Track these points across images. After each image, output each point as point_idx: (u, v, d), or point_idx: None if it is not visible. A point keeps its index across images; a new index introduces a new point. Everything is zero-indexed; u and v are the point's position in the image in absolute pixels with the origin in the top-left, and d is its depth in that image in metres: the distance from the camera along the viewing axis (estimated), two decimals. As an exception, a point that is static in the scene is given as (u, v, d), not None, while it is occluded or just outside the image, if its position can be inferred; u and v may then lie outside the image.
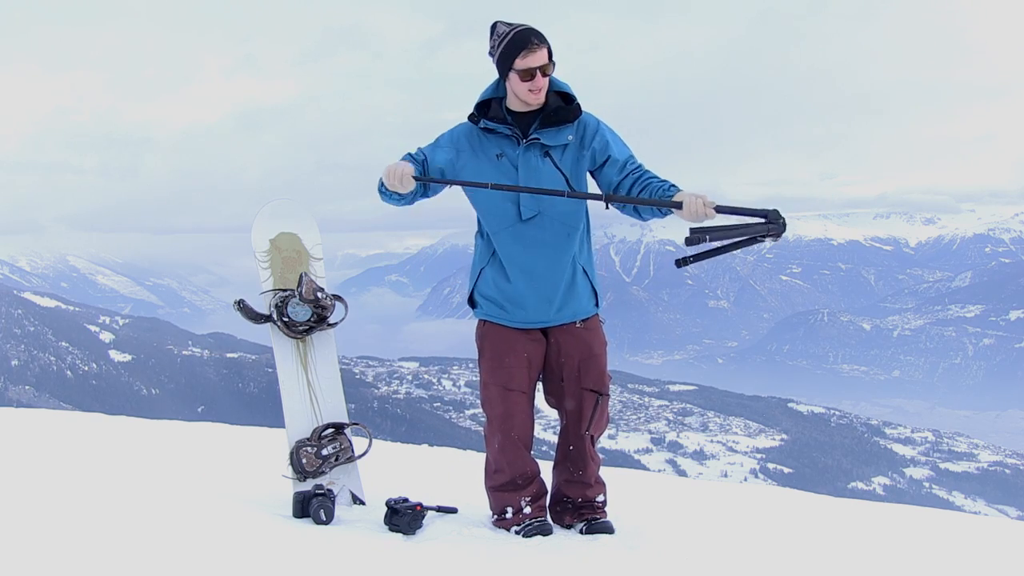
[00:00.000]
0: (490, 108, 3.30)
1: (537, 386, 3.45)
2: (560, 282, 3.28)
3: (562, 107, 3.27)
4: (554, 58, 3.21)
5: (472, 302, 3.42)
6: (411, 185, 3.16)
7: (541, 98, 3.21)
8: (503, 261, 3.30)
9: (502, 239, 3.28)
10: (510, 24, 3.18)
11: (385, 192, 3.25)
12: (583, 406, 3.35)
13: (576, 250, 3.32)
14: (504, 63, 3.18)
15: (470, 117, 3.33)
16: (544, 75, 3.16)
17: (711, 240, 2.89)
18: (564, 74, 3.35)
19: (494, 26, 3.21)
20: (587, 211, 3.36)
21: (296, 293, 3.58)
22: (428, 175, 3.28)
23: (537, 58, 3.13)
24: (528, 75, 3.14)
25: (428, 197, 3.37)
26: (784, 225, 2.89)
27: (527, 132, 3.26)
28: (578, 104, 3.29)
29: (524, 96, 3.20)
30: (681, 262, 2.99)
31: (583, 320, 3.36)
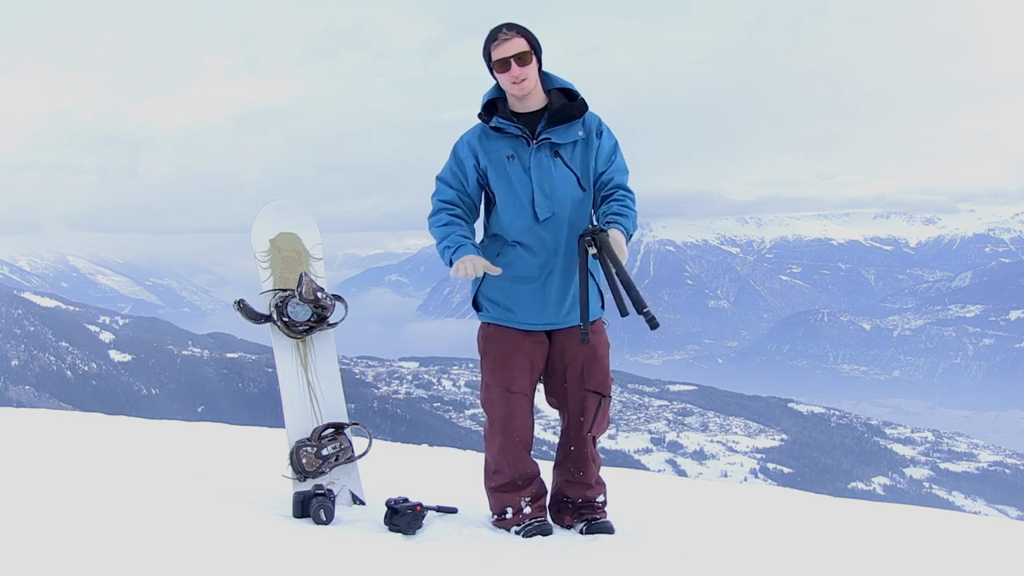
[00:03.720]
0: (496, 109, 3.29)
1: (537, 387, 3.46)
2: (571, 285, 3.28)
3: (567, 104, 3.25)
4: (541, 52, 3.20)
5: (476, 305, 3.41)
6: (482, 270, 3.18)
7: (526, 88, 3.19)
8: (517, 264, 3.28)
9: (518, 241, 3.28)
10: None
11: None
12: (586, 407, 3.36)
13: None
14: (485, 58, 3.21)
15: (480, 116, 3.31)
16: (521, 64, 3.14)
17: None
18: (566, 74, 3.34)
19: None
20: (592, 214, 3.36)
21: (296, 293, 3.58)
22: (472, 203, 3.33)
23: (509, 47, 3.12)
24: (502, 65, 3.15)
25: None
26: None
27: (535, 132, 3.24)
28: (583, 99, 3.27)
29: (508, 88, 3.19)
30: (652, 324, 3.06)
31: (589, 322, 3.36)
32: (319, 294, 3.59)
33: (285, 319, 3.57)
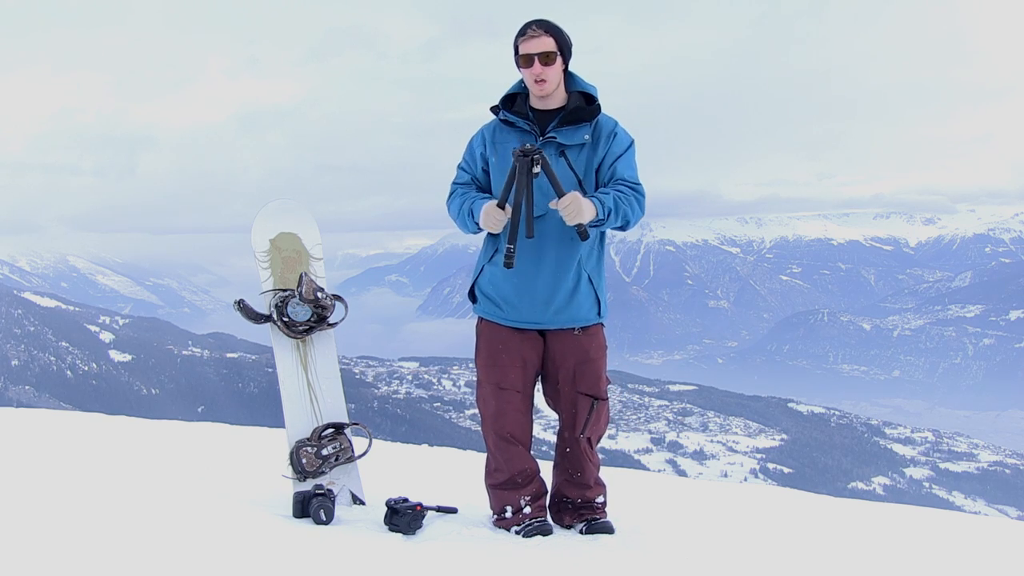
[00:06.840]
0: (515, 103, 3.32)
1: (537, 385, 3.45)
2: (560, 286, 3.25)
3: (581, 107, 3.27)
4: (569, 54, 3.22)
5: (472, 296, 3.42)
6: (504, 220, 3.15)
7: (545, 89, 3.20)
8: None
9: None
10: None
11: (475, 228, 3.28)
12: (577, 410, 3.34)
13: (583, 255, 3.28)
14: (514, 49, 3.23)
15: (493, 108, 3.35)
16: (545, 64, 3.15)
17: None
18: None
19: None
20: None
21: (296, 293, 3.58)
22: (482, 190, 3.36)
23: (534, 45, 3.14)
24: (525, 61, 3.17)
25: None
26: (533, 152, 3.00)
27: (546, 130, 3.26)
28: (598, 104, 3.29)
29: (529, 86, 3.22)
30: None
31: (581, 328, 3.32)
32: (319, 294, 3.59)
33: (285, 319, 3.58)
